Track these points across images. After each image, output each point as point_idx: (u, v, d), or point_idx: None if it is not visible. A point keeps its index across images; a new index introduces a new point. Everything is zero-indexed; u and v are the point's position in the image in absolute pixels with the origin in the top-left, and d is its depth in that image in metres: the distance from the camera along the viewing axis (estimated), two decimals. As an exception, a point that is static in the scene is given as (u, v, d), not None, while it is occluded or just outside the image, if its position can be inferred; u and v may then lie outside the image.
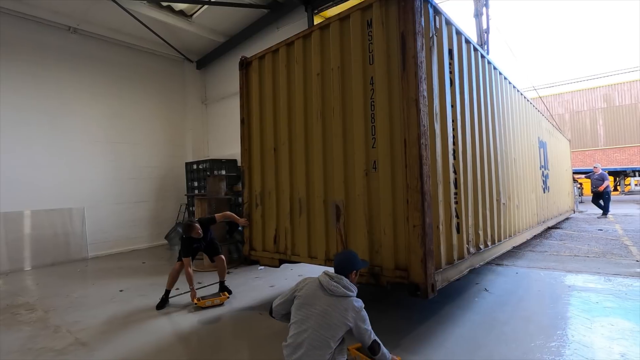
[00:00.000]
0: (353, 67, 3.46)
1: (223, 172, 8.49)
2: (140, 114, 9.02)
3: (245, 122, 4.67)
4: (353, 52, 3.46)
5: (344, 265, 2.54)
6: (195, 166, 9.08)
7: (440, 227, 3.25)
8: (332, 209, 3.63)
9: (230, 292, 4.62)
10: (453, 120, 3.66)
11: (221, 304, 4.29)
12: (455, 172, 3.62)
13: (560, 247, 7.03)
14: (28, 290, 5.38)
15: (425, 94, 3.07)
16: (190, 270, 4.36)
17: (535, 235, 7.87)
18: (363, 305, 2.38)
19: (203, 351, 3.13)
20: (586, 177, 12.63)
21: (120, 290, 5.06)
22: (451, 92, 3.68)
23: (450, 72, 3.70)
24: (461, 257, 3.61)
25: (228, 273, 5.87)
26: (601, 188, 11.39)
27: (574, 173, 13.31)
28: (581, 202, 16.46)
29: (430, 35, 3.31)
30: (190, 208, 9.10)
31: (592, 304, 3.86)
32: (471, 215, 3.95)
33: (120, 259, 7.46)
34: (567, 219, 11.36)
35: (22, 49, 7.17)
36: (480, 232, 4.15)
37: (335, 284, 2.38)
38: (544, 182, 7.87)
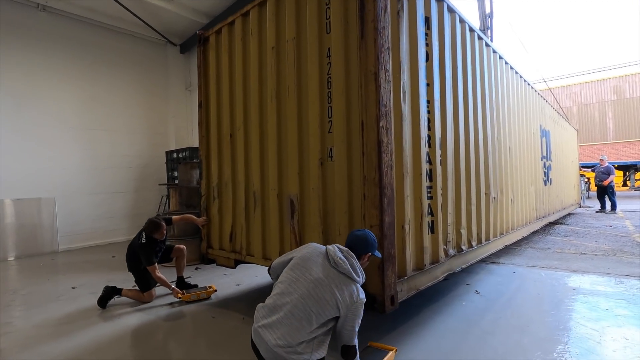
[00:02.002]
0: (309, 37, 2.93)
1: (196, 160, 8.03)
2: (118, 100, 8.56)
3: (203, 106, 4.18)
4: (309, 20, 2.93)
5: (359, 242, 2.10)
6: (175, 155, 8.63)
7: (407, 227, 2.74)
8: (286, 204, 3.14)
9: (191, 287, 4.21)
10: (428, 101, 3.12)
11: (208, 298, 3.95)
12: (429, 162, 3.10)
13: (564, 244, 6.46)
14: (-22, 286, 5.03)
15: (388, 67, 2.54)
16: (160, 274, 3.89)
17: (536, 231, 7.34)
18: (364, 300, 1.96)
19: (121, 356, 2.71)
20: (592, 170, 11.94)
21: (73, 287, 4.68)
22: (427, 68, 3.14)
23: (427, 44, 3.15)
24: (435, 261, 3.12)
25: (196, 269, 5.48)
26: (605, 182, 10.72)
27: (580, 167, 12.60)
28: (588, 197, 15.74)
29: (399, -3, 2.77)
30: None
31: (601, 311, 3.29)
32: (451, 212, 3.44)
33: (91, 253, 7.09)
34: (571, 214, 10.75)
35: (-15, 28, 6.73)
36: (463, 231, 3.64)
37: (343, 257, 1.98)
38: (546, 174, 7.28)
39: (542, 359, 2.47)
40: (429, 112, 3.12)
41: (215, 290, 4.10)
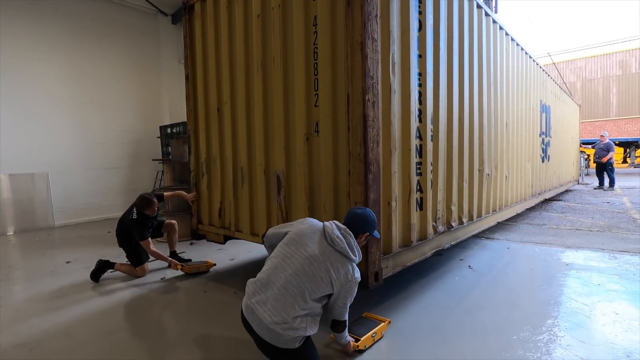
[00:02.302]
0: (294, 4, 2.77)
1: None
2: (108, 73, 8.32)
3: (190, 79, 4.04)
4: (295, -15, 2.76)
5: (358, 221, 2.04)
6: (169, 130, 8.50)
7: (393, 203, 2.70)
8: (273, 180, 3.09)
9: (184, 262, 4.23)
10: (420, 74, 3.00)
11: (207, 271, 3.99)
12: (420, 137, 3.01)
13: (560, 221, 6.46)
14: (-27, 260, 5.07)
15: (376, 36, 2.41)
16: (154, 248, 3.88)
17: (533, 207, 7.33)
18: (359, 279, 1.95)
19: (113, 328, 2.73)
20: (592, 147, 11.81)
21: (67, 262, 4.71)
22: (420, 38, 2.99)
23: (420, 13, 2.99)
24: (423, 238, 3.10)
25: (191, 244, 5.51)
26: (605, 159, 10.64)
27: (581, 144, 12.45)
28: (587, 174, 15.68)
29: (390, -40, 2.59)
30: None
31: (593, 287, 3.30)
32: (442, 188, 3.39)
33: (87, 228, 7.12)
34: (568, 190, 10.72)
35: (-35, -3, 6.44)
36: (454, 208, 3.61)
37: (340, 236, 1.93)
38: (544, 151, 7.18)
39: (531, 333, 2.48)
40: (420, 85, 3.00)
41: (215, 264, 4.13)
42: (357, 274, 1.95)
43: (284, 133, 2.93)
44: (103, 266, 3.93)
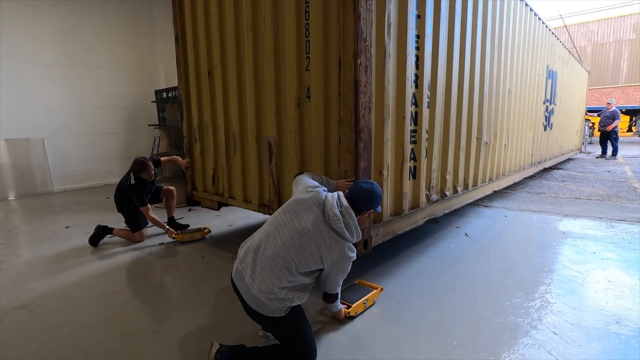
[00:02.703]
0: (285, -43, 2.58)
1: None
2: (99, 34, 7.98)
3: (179, 40, 3.87)
4: None
5: (364, 198, 1.89)
6: (165, 94, 8.30)
7: (385, 172, 2.66)
8: (265, 147, 3.04)
9: (182, 228, 4.30)
10: (418, 36, 2.85)
11: (202, 239, 4.03)
12: (415, 104, 2.92)
13: (560, 189, 6.46)
14: (-27, 224, 5.15)
15: (370, -6, 2.25)
16: (153, 215, 3.90)
17: (532, 176, 7.29)
18: (353, 258, 1.86)
19: (111, 291, 2.82)
20: (598, 115, 11.55)
21: (67, 227, 4.78)
22: (419, -3, 2.81)
23: (420, -32, 2.78)
24: (416, 207, 3.09)
25: (189, 211, 5.56)
26: (609, 128, 10.44)
27: (586, 111, 12.16)
28: (590, 142, 15.48)
29: None
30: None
31: (588, 254, 3.32)
32: (437, 157, 3.34)
33: (86, 194, 7.17)
34: (571, 159, 10.63)
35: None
36: (449, 177, 3.58)
37: (338, 214, 1.78)
38: (547, 119, 7.03)
39: (523, 299, 2.52)
40: (417, 48, 2.86)
41: (210, 232, 4.17)
42: (352, 253, 1.83)
43: (274, 98, 2.84)
44: (102, 231, 3.98)
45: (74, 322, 2.42)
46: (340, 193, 1.92)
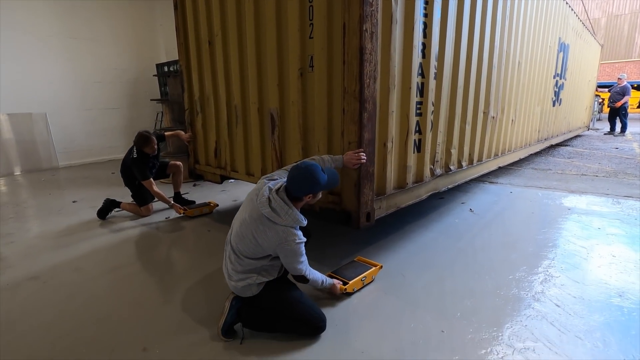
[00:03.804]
0: None
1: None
2: (97, 5, 7.78)
3: (178, 7, 3.74)
4: None
5: (295, 183, 1.85)
6: (166, 68, 8.15)
7: (389, 144, 2.62)
8: (267, 119, 2.99)
9: (188, 203, 4.31)
10: (427, 2, 2.72)
11: (210, 213, 4.10)
12: (422, 74, 2.83)
13: (566, 166, 6.39)
14: (-19, 198, 5.21)
15: (377, -46, 2.13)
16: (157, 189, 3.89)
17: (539, 152, 7.21)
18: (297, 240, 1.80)
19: (120, 263, 2.87)
20: (608, 91, 11.22)
21: (74, 201, 4.83)
22: (428, -41, 2.66)
23: None
24: (420, 181, 3.06)
25: (194, 186, 5.58)
26: (619, 104, 10.13)
27: (597, 87, 11.81)
28: (599, 119, 15.16)
29: None
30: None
31: (593, 230, 3.31)
32: (443, 130, 3.28)
33: (91, 169, 7.20)
34: (579, 136, 10.45)
35: None
36: (454, 151, 3.52)
37: (264, 201, 1.80)
38: (556, 94, 6.84)
39: (526, 273, 2.54)
40: (426, 15, 2.74)
41: (217, 205, 4.20)
42: (291, 237, 1.79)
43: (277, 68, 2.76)
44: (109, 205, 4.02)
45: (86, 292, 2.47)
46: (278, 177, 2.05)
